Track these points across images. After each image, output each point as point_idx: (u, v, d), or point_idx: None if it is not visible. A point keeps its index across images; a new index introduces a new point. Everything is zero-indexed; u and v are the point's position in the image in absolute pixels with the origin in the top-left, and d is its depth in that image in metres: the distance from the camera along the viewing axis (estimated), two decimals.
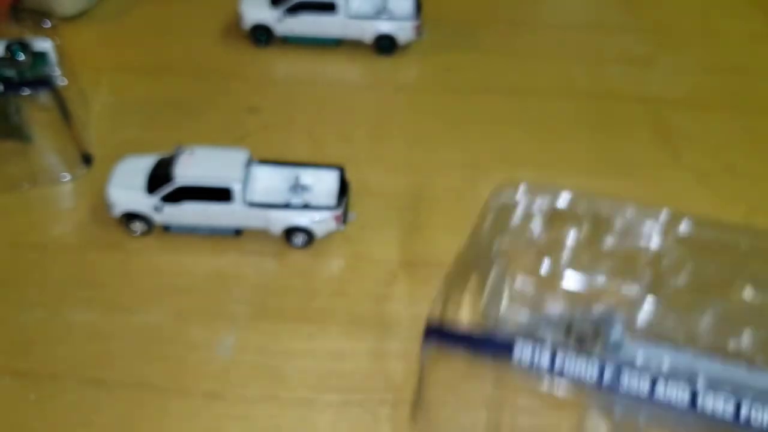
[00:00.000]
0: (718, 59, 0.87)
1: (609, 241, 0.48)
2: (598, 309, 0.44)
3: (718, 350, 0.44)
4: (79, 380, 0.55)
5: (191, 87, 0.80)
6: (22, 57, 0.65)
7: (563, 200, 0.49)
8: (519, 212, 0.49)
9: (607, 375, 0.34)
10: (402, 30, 0.82)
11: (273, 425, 0.52)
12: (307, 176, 0.65)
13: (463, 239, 0.65)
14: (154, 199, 0.62)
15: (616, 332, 0.37)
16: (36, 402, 0.53)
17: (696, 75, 0.84)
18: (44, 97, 0.65)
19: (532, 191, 0.49)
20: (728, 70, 0.85)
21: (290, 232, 0.63)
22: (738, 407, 0.34)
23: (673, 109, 0.80)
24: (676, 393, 0.34)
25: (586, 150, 0.75)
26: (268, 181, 0.65)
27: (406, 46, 0.84)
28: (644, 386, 0.34)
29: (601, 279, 0.50)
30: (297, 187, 0.65)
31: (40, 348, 0.57)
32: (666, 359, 0.36)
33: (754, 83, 0.84)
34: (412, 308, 0.60)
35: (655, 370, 0.35)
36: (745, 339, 0.45)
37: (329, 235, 0.65)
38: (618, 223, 0.48)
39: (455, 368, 0.34)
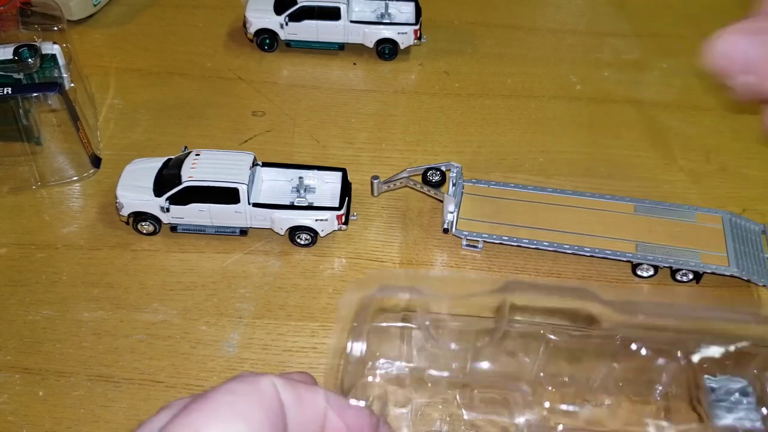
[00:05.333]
0: None
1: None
2: None
3: None
4: (87, 377, 0.56)
5: (197, 90, 0.81)
6: (30, 60, 0.66)
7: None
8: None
9: None
10: (403, 35, 0.83)
11: None
12: (311, 177, 0.67)
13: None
14: (162, 200, 0.63)
15: None
16: (44, 398, 0.54)
17: (688, 78, 0.86)
18: (53, 99, 0.66)
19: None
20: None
21: (294, 231, 0.64)
22: None
23: (667, 111, 0.81)
24: None
25: (582, 152, 0.76)
26: (273, 183, 0.67)
27: (407, 51, 0.86)
28: None
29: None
30: (301, 188, 0.66)
31: (49, 345, 0.58)
32: None
33: None
34: None
35: None
36: None
37: (332, 235, 0.66)
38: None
39: None
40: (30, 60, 0.66)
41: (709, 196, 0.71)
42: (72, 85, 0.69)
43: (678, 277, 0.63)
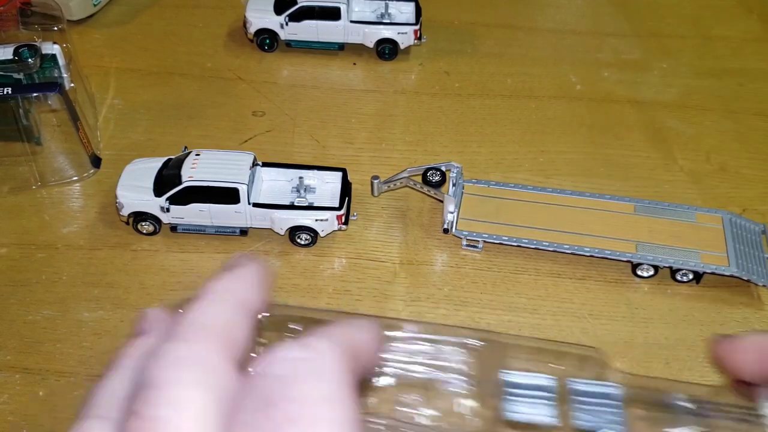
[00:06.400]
0: (711, 62, 0.88)
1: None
2: None
3: None
4: (88, 376, 0.56)
5: (198, 90, 0.81)
6: (30, 60, 0.66)
7: None
8: None
9: None
10: (403, 35, 0.84)
11: None
12: (311, 177, 0.67)
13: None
14: (162, 200, 0.63)
15: None
16: (45, 398, 0.54)
17: (689, 78, 0.86)
18: (53, 99, 0.66)
19: None
20: (720, 73, 0.87)
21: (294, 231, 0.64)
22: None
23: (667, 111, 0.81)
24: None
25: (582, 152, 0.76)
26: (273, 183, 0.67)
27: (407, 51, 0.86)
28: None
29: None
30: (301, 188, 0.66)
31: (49, 345, 0.58)
32: None
33: (746, 85, 0.85)
34: (412, 306, 0.61)
35: None
36: None
37: (332, 235, 0.66)
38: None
39: None
40: (30, 60, 0.66)
41: (709, 196, 0.71)
42: (72, 85, 0.69)
43: (678, 277, 0.63)
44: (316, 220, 0.63)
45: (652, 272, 0.64)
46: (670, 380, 0.42)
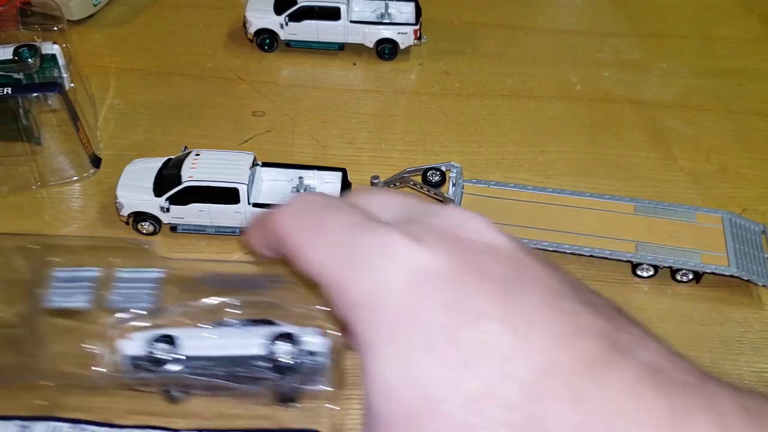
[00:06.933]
0: (711, 63, 0.88)
1: None
2: None
3: None
4: None
5: (197, 90, 0.81)
6: (30, 60, 0.66)
7: None
8: None
9: None
10: (403, 35, 0.84)
11: None
12: (311, 178, 0.67)
13: None
14: (162, 200, 0.63)
15: None
16: None
17: (689, 78, 0.86)
18: (53, 99, 0.66)
19: None
20: (721, 73, 0.87)
21: None
22: None
23: (667, 111, 0.81)
24: None
25: (582, 152, 0.76)
26: (273, 183, 0.67)
27: (407, 51, 0.86)
28: None
29: None
30: (301, 188, 0.66)
31: None
32: None
33: (746, 85, 0.85)
34: None
35: None
36: None
37: None
38: None
39: None
40: (30, 60, 0.66)
41: (709, 196, 0.72)
42: (72, 85, 0.69)
43: (678, 277, 0.63)
44: None
45: (652, 272, 0.64)
46: (213, 261, 0.45)
